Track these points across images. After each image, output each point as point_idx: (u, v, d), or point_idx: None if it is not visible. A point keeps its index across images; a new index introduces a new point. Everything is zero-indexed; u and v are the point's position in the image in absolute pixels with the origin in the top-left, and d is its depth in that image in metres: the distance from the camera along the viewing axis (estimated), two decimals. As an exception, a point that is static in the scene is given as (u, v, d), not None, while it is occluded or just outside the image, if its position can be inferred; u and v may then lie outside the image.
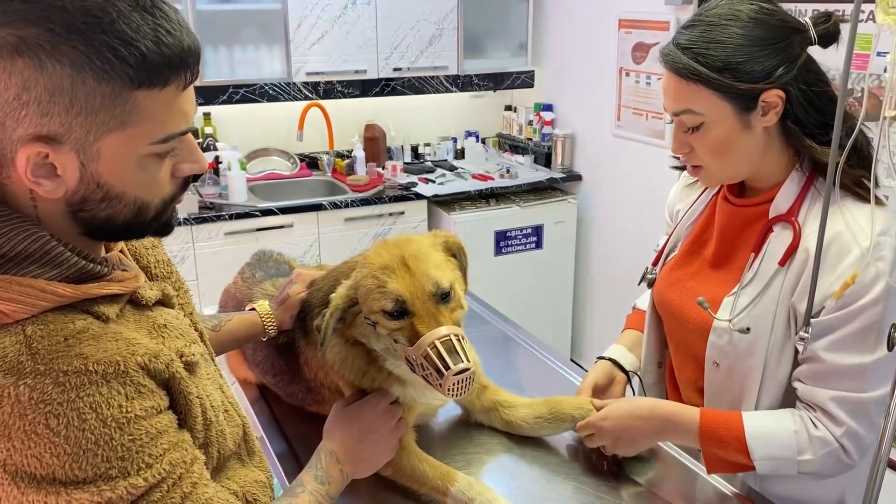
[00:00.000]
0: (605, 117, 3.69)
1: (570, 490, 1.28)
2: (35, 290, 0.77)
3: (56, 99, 0.73)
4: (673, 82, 1.22)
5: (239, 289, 1.63)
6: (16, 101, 0.72)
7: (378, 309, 1.15)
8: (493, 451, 1.39)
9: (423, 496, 1.25)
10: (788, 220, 1.24)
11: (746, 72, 1.17)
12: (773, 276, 1.24)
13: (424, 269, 1.16)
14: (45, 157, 0.75)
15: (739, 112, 1.20)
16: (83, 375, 0.76)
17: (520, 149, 4.22)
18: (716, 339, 1.29)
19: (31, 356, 0.75)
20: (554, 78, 4.10)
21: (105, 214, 0.82)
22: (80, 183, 0.79)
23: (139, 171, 0.81)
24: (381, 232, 3.57)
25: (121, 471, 0.78)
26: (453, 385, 1.09)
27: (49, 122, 0.74)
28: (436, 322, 1.13)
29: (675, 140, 1.28)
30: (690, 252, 1.43)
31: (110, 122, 0.76)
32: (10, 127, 0.74)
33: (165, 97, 0.78)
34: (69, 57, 0.72)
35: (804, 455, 1.20)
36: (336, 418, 1.22)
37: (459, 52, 3.81)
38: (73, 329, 0.79)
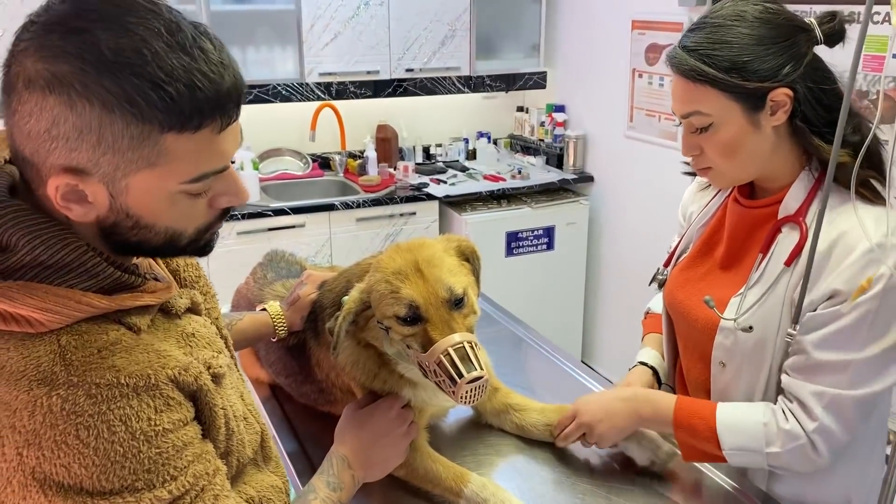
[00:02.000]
0: (617, 118, 3.68)
1: (582, 491, 1.28)
2: (71, 301, 0.78)
3: (84, 137, 0.73)
4: (680, 85, 1.23)
5: (250, 290, 1.64)
6: (46, 133, 0.73)
7: (391, 314, 1.15)
8: (504, 453, 1.39)
9: (435, 497, 1.25)
10: (796, 221, 1.25)
11: (753, 71, 1.17)
12: (778, 277, 1.24)
13: (438, 275, 1.16)
14: (74, 187, 0.76)
15: (748, 112, 1.20)
16: (115, 388, 0.77)
17: (532, 150, 4.21)
18: (722, 339, 1.30)
19: (64, 367, 0.76)
20: (566, 79, 4.09)
21: (136, 240, 0.83)
22: (110, 211, 0.79)
23: (170, 206, 0.81)
24: (392, 232, 3.58)
25: (147, 483, 0.79)
26: (466, 393, 1.09)
27: (77, 156, 0.74)
28: (449, 329, 1.12)
29: (684, 142, 1.28)
30: (701, 253, 1.43)
31: (138, 162, 0.76)
32: (42, 155, 0.75)
33: (199, 139, 0.77)
34: (99, 97, 0.72)
35: (772, 447, 1.22)
36: (347, 422, 1.22)
37: (472, 52, 3.81)
38: (107, 340, 0.79)
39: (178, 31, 0.75)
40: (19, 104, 0.73)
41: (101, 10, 0.73)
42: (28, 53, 0.73)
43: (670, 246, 1.55)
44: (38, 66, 0.72)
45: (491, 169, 4.00)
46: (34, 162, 0.76)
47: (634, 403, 1.32)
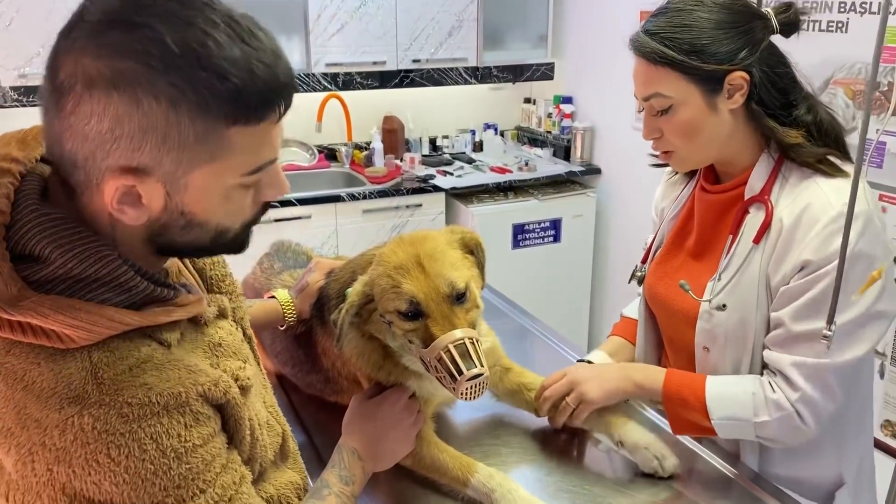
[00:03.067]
0: (624, 110, 3.66)
1: (590, 482, 1.28)
2: (103, 318, 0.77)
3: (149, 135, 0.72)
4: (642, 67, 1.27)
5: (258, 279, 1.64)
6: (108, 133, 0.71)
7: (392, 309, 1.15)
8: (510, 443, 1.39)
9: (442, 487, 1.25)
10: (762, 200, 1.28)
11: (712, 53, 1.21)
12: (748, 255, 1.27)
13: (439, 270, 1.15)
14: (131, 188, 0.75)
15: (706, 94, 1.23)
16: (146, 407, 0.77)
17: (539, 142, 4.20)
18: (703, 323, 1.33)
19: (96, 385, 0.76)
20: (574, 70, 4.07)
21: (184, 241, 0.82)
22: (163, 212, 0.78)
23: (225, 201, 0.81)
24: (398, 224, 3.58)
25: (177, 498, 0.79)
26: (466, 390, 1.09)
27: (140, 156, 0.73)
28: (450, 324, 1.12)
29: (645, 125, 1.31)
30: (675, 245, 1.46)
31: (201, 157, 0.75)
32: (99, 157, 0.73)
33: (260, 130, 0.77)
34: (166, 94, 0.70)
35: (760, 416, 1.24)
36: (355, 414, 1.22)
37: (479, 43, 3.79)
38: (138, 358, 0.79)
39: (234, 21, 0.74)
40: (77, 105, 0.71)
41: (159, 3, 0.72)
42: (86, 52, 0.70)
43: (646, 242, 1.56)
44: (99, 64, 0.70)
45: (498, 161, 3.99)
46: (88, 166, 0.74)
47: (626, 370, 1.38)
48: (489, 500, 1.20)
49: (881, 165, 2.37)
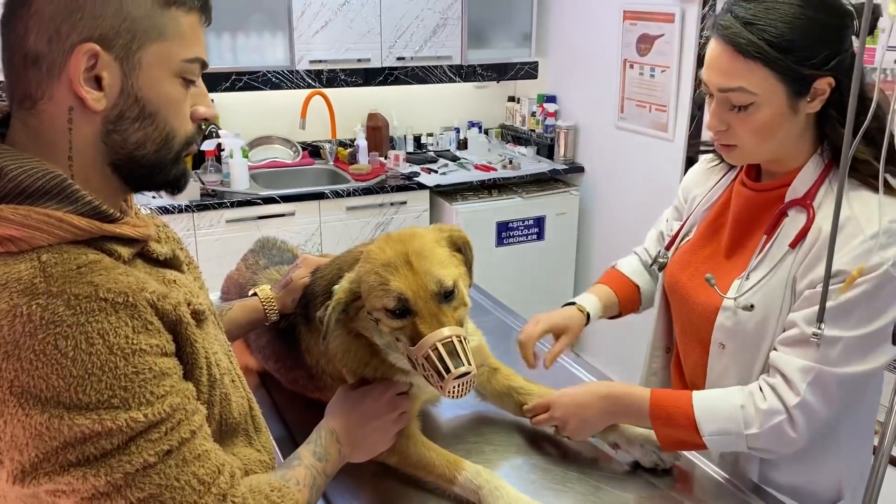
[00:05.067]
0: (608, 109, 3.68)
1: (573, 480, 1.28)
2: (52, 220, 0.81)
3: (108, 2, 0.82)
4: (727, 57, 1.18)
5: (243, 275, 1.63)
6: (73, 2, 0.81)
7: (380, 307, 1.15)
8: (494, 441, 1.39)
9: (427, 485, 1.25)
10: (804, 204, 1.24)
11: (809, 55, 1.15)
12: (782, 258, 1.24)
13: (428, 268, 1.14)
14: (93, 65, 0.82)
15: (791, 95, 1.18)
16: (93, 301, 0.79)
17: (523, 140, 4.21)
18: (723, 319, 1.30)
19: (44, 279, 0.78)
20: (558, 69, 4.09)
21: (136, 138, 0.88)
22: (119, 96, 0.85)
23: (170, 88, 0.88)
24: (383, 221, 3.57)
25: (122, 401, 0.79)
26: (453, 388, 1.09)
27: (101, 24, 0.82)
28: (438, 322, 1.11)
29: (714, 116, 1.24)
30: (705, 236, 1.43)
31: (151, 32, 0.85)
32: (64, 33, 0.81)
33: (192, 21, 0.89)
34: None
35: (750, 429, 1.21)
36: (340, 399, 1.22)
37: (463, 41, 3.79)
38: (87, 259, 0.82)
39: None
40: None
41: None
42: None
43: (671, 229, 1.54)
44: None
45: (482, 159, 3.99)
46: (53, 49, 0.81)
47: (607, 402, 1.31)
48: (476, 498, 1.20)
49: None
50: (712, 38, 1.21)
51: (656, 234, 1.66)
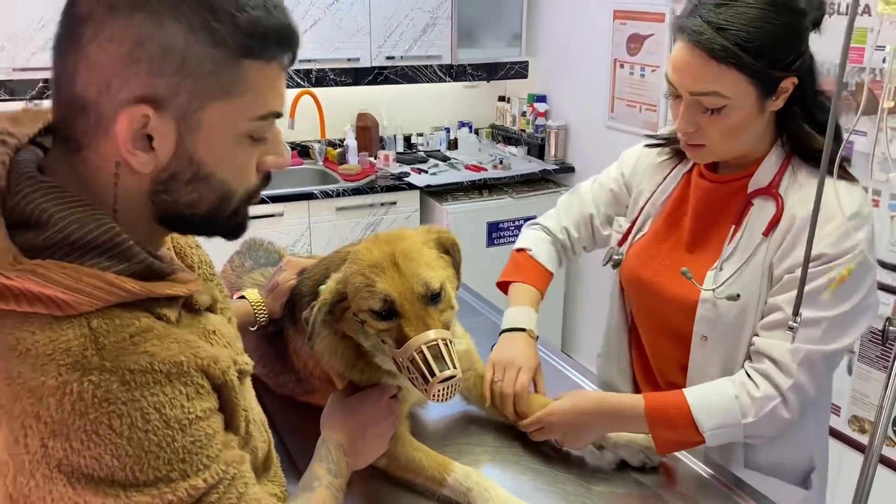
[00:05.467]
0: (598, 109, 3.68)
1: (562, 481, 1.28)
2: (103, 284, 0.74)
3: (168, 57, 0.72)
4: (699, 61, 1.18)
5: (228, 277, 1.62)
6: (128, 56, 0.71)
7: (366, 308, 1.13)
8: (483, 442, 1.38)
9: (416, 487, 1.24)
10: (769, 193, 1.29)
11: (779, 58, 1.18)
12: (757, 247, 1.28)
13: (415, 269, 1.13)
14: (144, 125, 0.73)
15: (760, 97, 1.21)
16: (148, 374, 0.73)
17: (513, 140, 4.20)
18: (704, 311, 1.32)
19: (96, 351, 0.72)
20: (548, 69, 4.08)
21: (188, 199, 0.79)
22: (172, 157, 0.76)
23: (234, 149, 0.79)
24: (372, 222, 3.56)
25: (181, 473, 0.76)
26: (438, 391, 1.08)
27: (158, 82, 0.72)
28: (424, 325, 1.10)
29: (684, 119, 1.25)
30: (664, 230, 1.44)
31: (216, 90, 0.75)
32: (115, 88, 0.72)
33: (269, 72, 0.78)
34: (187, 17, 0.72)
35: (747, 418, 1.23)
36: (337, 410, 1.21)
37: (453, 41, 3.78)
38: (139, 327, 0.75)
39: None
40: (97, 32, 0.71)
41: None
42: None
43: (620, 225, 1.55)
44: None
45: (472, 159, 3.99)
46: (102, 102, 0.73)
47: (600, 417, 1.30)
48: (466, 499, 1.19)
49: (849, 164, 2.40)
50: (680, 42, 1.22)
51: (581, 216, 1.62)
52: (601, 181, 1.62)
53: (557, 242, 1.64)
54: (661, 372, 1.49)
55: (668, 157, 1.49)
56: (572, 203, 1.65)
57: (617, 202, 1.58)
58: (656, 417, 1.26)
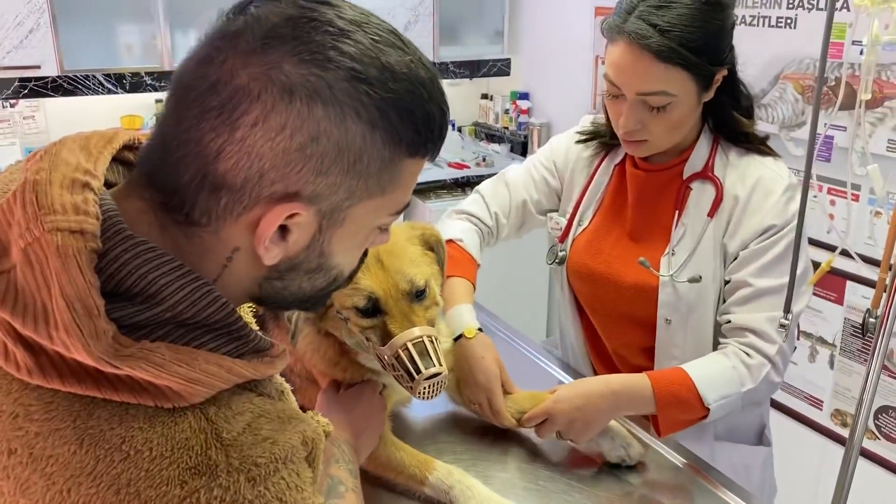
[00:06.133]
0: (580, 106, 3.67)
1: (544, 478, 1.27)
2: (221, 371, 0.64)
3: (342, 156, 0.62)
4: (645, 62, 1.21)
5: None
6: (297, 152, 0.61)
7: (350, 305, 1.12)
8: (466, 441, 1.37)
9: (397, 486, 1.23)
10: (706, 176, 1.36)
11: (718, 54, 1.25)
12: (704, 228, 1.35)
13: (399, 266, 1.12)
14: (289, 218, 0.63)
15: (700, 91, 1.27)
16: (271, 464, 0.64)
17: (496, 137, 4.20)
18: (665, 296, 1.36)
19: (222, 449, 0.62)
20: (530, 66, 4.08)
21: (298, 287, 0.72)
22: (302, 250, 0.68)
23: (363, 242, 0.73)
24: (355, 220, 3.54)
25: None
26: (424, 389, 1.07)
27: (321, 180, 0.63)
28: (409, 322, 1.10)
29: (629, 118, 1.28)
30: (606, 222, 1.48)
31: (375, 189, 0.66)
32: (269, 180, 0.62)
33: (419, 167, 0.70)
34: (369, 111, 0.62)
35: (746, 385, 1.28)
36: (334, 406, 1.19)
37: (435, 39, 3.77)
38: (254, 412, 0.67)
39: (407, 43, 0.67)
40: (262, 119, 0.60)
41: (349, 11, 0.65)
42: (283, 56, 0.61)
43: (557, 223, 1.57)
44: (303, 71, 0.60)
45: (455, 157, 3.98)
46: (247, 190, 0.62)
47: (610, 398, 1.27)
48: (447, 498, 1.18)
49: (829, 159, 2.42)
50: (621, 43, 1.23)
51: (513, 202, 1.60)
52: (531, 168, 1.61)
53: (484, 230, 1.62)
54: (620, 356, 1.53)
55: (594, 150, 1.53)
56: (499, 190, 1.63)
57: (549, 190, 1.59)
58: (663, 394, 1.26)
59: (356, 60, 0.62)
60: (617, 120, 1.32)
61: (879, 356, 1.05)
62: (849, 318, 2.50)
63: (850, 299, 2.48)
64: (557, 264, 1.55)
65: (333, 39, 0.62)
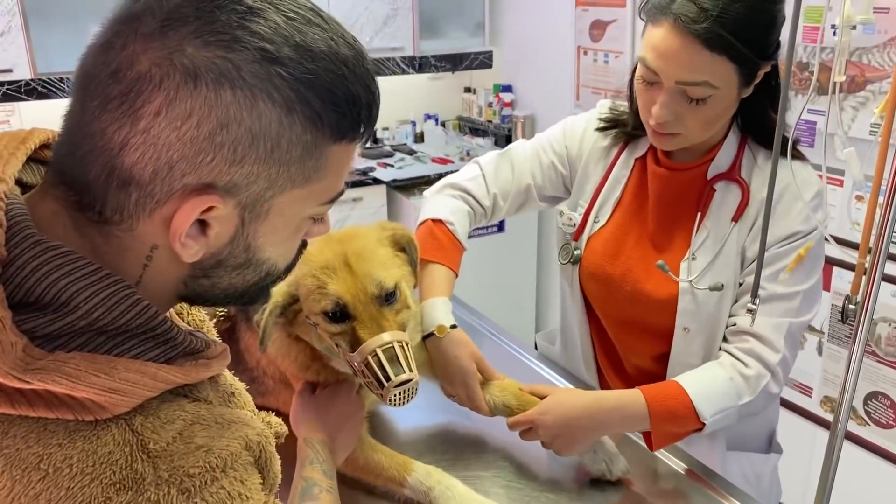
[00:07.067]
0: (564, 97, 3.65)
1: (526, 477, 1.25)
2: (146, 378, 0.60)
3: (257, 144, 0.59)
4: (691, 49, 1.11)
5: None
6: (206, 141, 0.57)
7: (318, 311, 1.09)
8: (447, 441, 1.35)
9: (376, 489, 1.20)
10: (732, 178, 1.28)
11: (766, 47, 1.15)
12: (727, 233, 1.27)
13: (367, 269, 1.09)
14: (206, 212, 0.60)
15: (741, 85, 1.18)
16: (207, 473, 0.61)
17: (480, 131, 4.17)
18: (685, 304, 1.29)
19: (149, 461, 0.59)
20: (512, 58, 4.05)
21: (228, 283, 0.68)
22: (226, 245, 0.64)
23: (294, 234, 0.69)
24: (339, 219, 3.50)
25: None
26: (395, 396, 1.04)
27: (236, 170, 0.59)
28: (378, 327, 1.07)
29: (664, 108, 1.17)
30: (626, 222, 1.39)
31: (298, 178, 0.62)
32: (179, 172, 0.58)
33: (349, 151, 0.66)
34: (283, 94, 0.58)
35: (743, 398, 1.22)
36: (310, 408, 1.16)
37: (415, 32, 3.74)
38: (185, 419, 0.63)
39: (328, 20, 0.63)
40: (166, 107, 0.57)
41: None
42: (185, 39, 0.57)
43: (570, 219, 1.46)
44: (207, 53, 0.56)
45: (439, 152, 3.95)
46: (157, 183, 0.59)
47: (601, 418, 1.21)
48: (427, 499, 1.16)
49: (812, 144, 2.40)
50: (666, 24, 1.13)
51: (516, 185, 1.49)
52: (540, 150, 1.50)
53: (478, 212, 1.50)
54: (631, 363, 1.46)
55: (613, 140, 1.42)
56: (502, 169, 1.50)
57: (557, 177, 1.49)
58: (659, 411, 1.20)
59: (266, 40, 0.58)
60: (649, 109, 1.21)
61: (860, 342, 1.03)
62: (836, 304, 2.49)
63: (837, 285, 2.47)
64: (571, 264, 1.45)
65: (241, 18, 0.58)
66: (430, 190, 1.54)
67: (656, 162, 1.34)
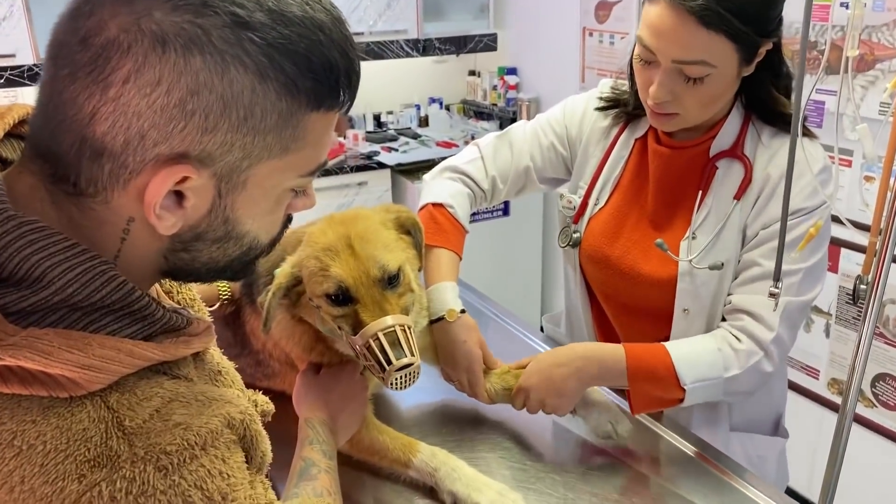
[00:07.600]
0: (569, 79, 3.62)
1: (532, 457, 1.25)
2: (121, 354, 0.60)
3: (229, 111, 0.58)
4: (688, 27, 1.09)
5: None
6: (177, 108, 0.56)
7: (320, 293, 1.09)
8: (451, 423, 1.34)
9: (381, 470, 1.20)
10: (735, 155, 1.25)
11: (766, 24, 1.13)
12: (729, 211, 1.25)
13: (371, 252, 1.08)
14: (181, 182, 0.59)
15: (741, 64, 1.15)
16: (185, 451, 0.61)
17: (485, 115, 4.14)
18: (685, 285, 1.27)
19: (124, 437, 0.58)
20: (517, 40, 4.02)
21: (208, 257, 0.67)
22: (203, 217, 0.64)
23: (274, 207, 0.68)
24: (344, 203, 3.50)
25: None
26: (396, 380, 1.04)
27: (209, 139, 0.58)
28: (381, 310, 1.06)
29: (661, 87, 1.16)
30: (625, 203, 1.37)
31: (275, 148, 0.62)
32: (150, 141, 0.57)
33: (329, 121, 0.65)
34: (255, 60, 0.57)
35: (730, 371, 1.20)
36: (313, 386, 1.16)
37: (419, 14, 3.71)
38: (164, 396, 0.63)
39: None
40: (135, 74, 0.55)
41: None
42: (153, 4, 0.56)
43: (570, 202, 1.45)
44: (176, 18, 0.55)
45: (444, 135, 3.93)
46: (129, 153, 0.58)
47: (577, 365, 1.22)
48: (433, 480, 1.16)
49: (821, 125, 2.38)
50: (663, 2, 1.11)
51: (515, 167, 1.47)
52: (540, 131, 1.48)
53: (478, 194, 1.48)
54: None
55: (613, 120, 1.41)
56: (502, 151, 1.49)
57: (557, 158, 1.47)
58: (638, 366, 1.20)
59: (238, 4, 0.57)
60: (646, 88, 1.19)
61: (871, 321, 1.02)
62: (843, 285, 2.47)
63: (845, 267, 2.46)
64: (571, 247, 1.44)
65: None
66: (430, 173, 1.52)
67: (657, 140, 1.32)
